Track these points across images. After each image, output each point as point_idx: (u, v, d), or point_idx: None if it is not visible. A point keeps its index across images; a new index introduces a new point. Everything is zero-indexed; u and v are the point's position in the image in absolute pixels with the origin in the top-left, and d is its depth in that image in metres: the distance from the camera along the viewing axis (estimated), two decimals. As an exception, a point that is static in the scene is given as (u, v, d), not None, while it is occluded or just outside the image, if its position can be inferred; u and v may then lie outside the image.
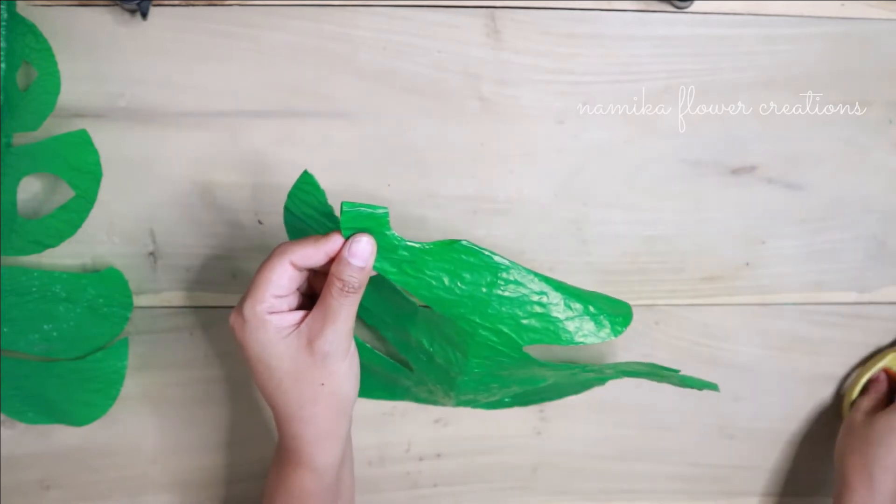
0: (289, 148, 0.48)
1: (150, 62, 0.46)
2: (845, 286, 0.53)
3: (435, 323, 0.44)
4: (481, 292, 0.41)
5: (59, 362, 0.49)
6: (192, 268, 0.50)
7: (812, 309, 0.53)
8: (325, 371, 0.39)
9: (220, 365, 0.51)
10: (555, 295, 0.41)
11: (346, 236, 0.38)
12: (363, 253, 0.38)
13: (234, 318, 0.39)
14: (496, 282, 0.40)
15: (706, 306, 0.53)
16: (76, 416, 0.50)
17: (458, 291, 0.41)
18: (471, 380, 0.46)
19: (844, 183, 0.52)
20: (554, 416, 0.54)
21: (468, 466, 0.55)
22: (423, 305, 0.44)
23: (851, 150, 0.51)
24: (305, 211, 0.41)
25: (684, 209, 0.51)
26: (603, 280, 0.52)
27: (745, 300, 0.53)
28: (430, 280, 0.40)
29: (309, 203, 0.41)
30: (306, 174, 0.40)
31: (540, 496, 0.56)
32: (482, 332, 0.42)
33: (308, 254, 0.38)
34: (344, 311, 0.38)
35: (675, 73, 0.49)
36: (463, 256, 0.40)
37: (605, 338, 0.42)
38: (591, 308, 0.42)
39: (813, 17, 0.49)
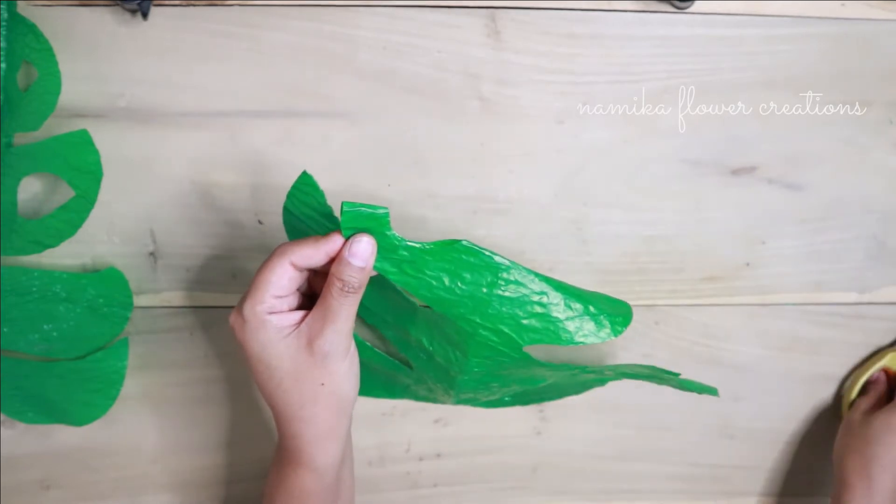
0: (289, 148, 0.48)
1: (150, 62, 0.46)
2: (845, 286, 0.53)
3: (435, 322, 0.44)
4: (482, 292, 0.41)
5: (59, 362, 0.49)
6: (192, 268, 0.50)
7: (812, 309, 0.53)
8: (325, 371, 0.39)
9: (220, 365, 0.51)
10: (555, 295, 0.41)
11: (347, 236, 0.38)
12: (363, 253, 0.38)
13: (234, 319, 0.39)
14: (496, 282, 0.40)
15: (706, 306, 0.53)
16: (76, 416, 0.50)
17: (459, 291, 0.41)
18: (471, 379, 0.46)
19: (844, 183, 0.52)
20: (554, 416, 0.54)
21: (468, 466, 0.55)
22: (424, 305, 0.44)
23: (851, 150, 0.51)
24: (304, 211, 0.41)
25: (684, 209, 0.51)
26: (603, 280, 0.52)
27: (745, 300, 0.53)
28: (430, 280, 0.40)
29: (308, 203, 0.41)
30: (305, 175, 0.40)
31: (540, 496, 0.56)
32: (482, 331, 0.42)
33: (308, 254, 0.38)
34: (344, 311, 0.38)
35: (675, 73, 0.49)
36: (463, 256, 0.40)
37: (606, 338, 0.42)
38: (591, 308, 0.42)
39: (813, 18, 0.49)
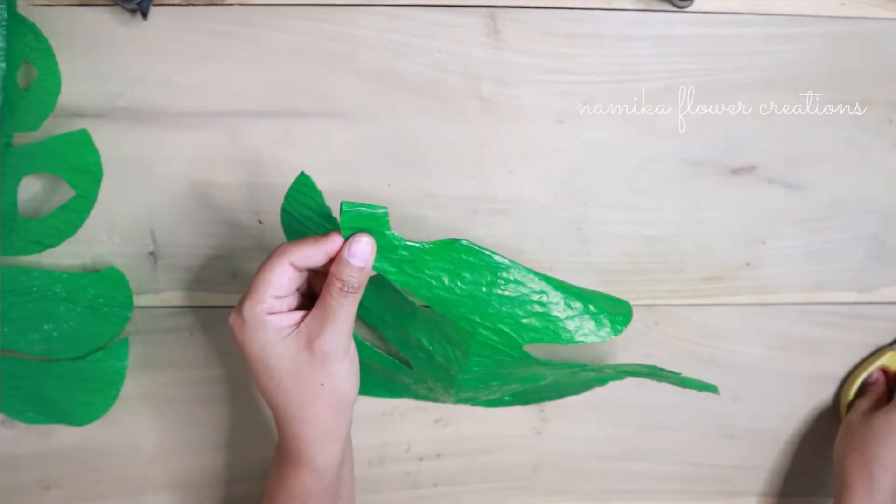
0: (289, 148, 0.48)
1: (150, 62, 0.46)
2: (845, 286, 0.53)
3: (435, 322, 0.44)
4: (481, 292, 0.41)
5: (59, 362, 0.49)
6: (192, 268, 0.50)
7: (812, 309, 0.53)
8: (324, 371, 0.39)
9: (220, 365, 0.51)
10: (555, 294, 0.41)
11: (346, 236, 0.38)
12: (363, 253, 0.38)
13: (234, 319, 0.39)
14: (496, 281, 0.40)
15: (706, 306, 0.53)
16: (76, 416, 0.50)
17: (459, 291, 0.40)
18: (471, 378, 0.46)
19: (844, 183, 0.51)
20: (554, 416, 0.54)
21: (468, 466, 0.55)
22: (423, 305, 0.44)
23: (851, 150, 0.51)
24: (303, 212, 0.41)
25: (684, 209, 0.51)
26: (603, 280, 0.52)
27: (745, 300, 0.53)
28: (429, 280, 0.40)
29: (306, 204, 0.41)
30: (303, 175, 0.40)
31: (540, 496, 0.56)
32: (482, 331, 0.42)
33: (307, 254, 0.38)
34: (344, 310, 0.38)
35: (675, 73, 0.49)
36: (463, 256, 0.40)
37: (606, 337, 0.42)
38: (591, 307, 0.42)
39: (813, 17, 0.49)
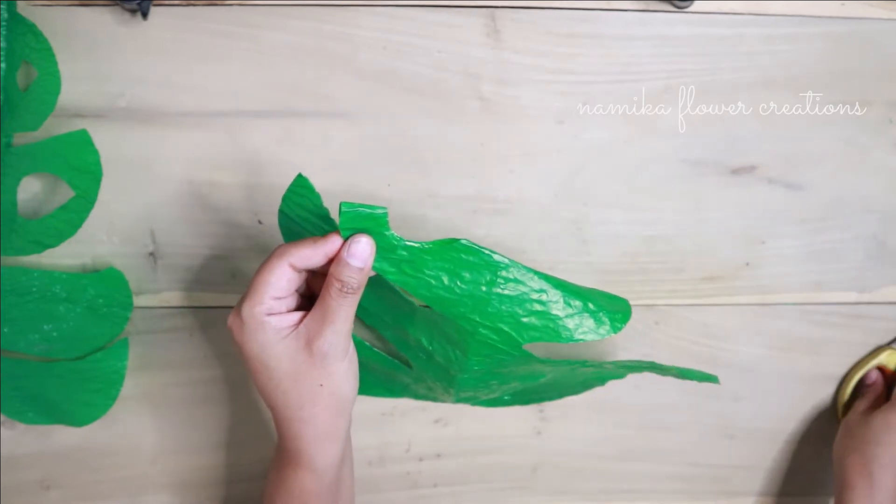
0: (288, 148, 0.48)
1: (150, 62, 0.46)
2: (845, 286, 0.53)
3: (434, 322, 0.44)
4: (481, 291, 0.41)
5: (59, 362, 0.49)
6: (191, 268, 0.50)
7: (812, 309, 0.53)
8: (323, 372, 0.39)
9: (219, 365, 0.51)
10: (554, 292, 0.41)
11: (345, 237, 0.38)
12: (362, 253, 0.38)
13: (233, 320, 0.39)
14: (496, 280, 0.40)
15: (706, 306, 0.53)
16: (76, 416, 0.50)
17: (458, 290, 0.40)
18: (471, 377, 0.46)
19: (844, 183, 0.51)
20: (554, 416, 0.54)
21: (468, 466, 0.55)
22: (423, 305, 0.44)
23: (851, 150, 0.51)
24: (300, 214, 0.41)
25: (684, 209, 0.51)
26: (603, 280, 0.51)
27: (745, 300, 0.53)
28: (429, 279, 0.40)
29: (304, 206, 0.41)
30: (301, 177, 0.40)
31: (540, 496, 0.56)
32: (482, 330, 0.42)
33: (307, 255, 0.38)
34: (343, 311, 0.38)
35: (675, 73, 0.49)
36: (462, 255, 0.40)
37: (605, 334, 0.42)
38: (590, 305, 0.42)
39: (813, 17, 0.49)
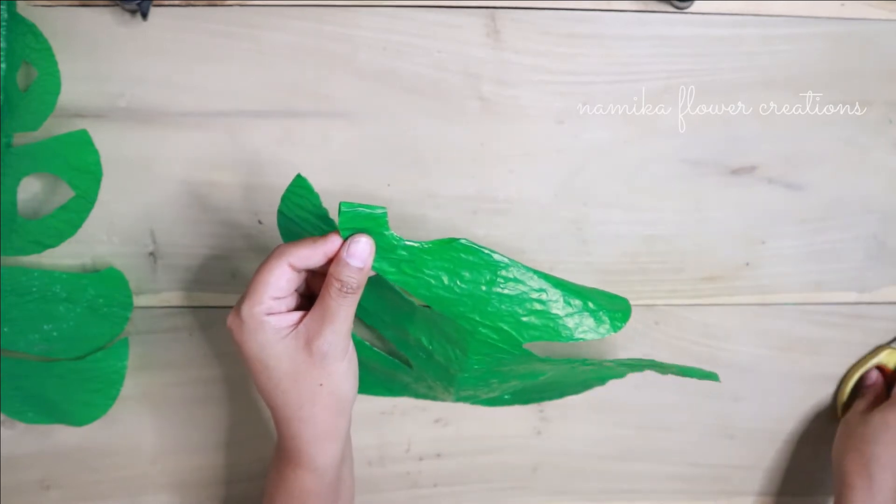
0: (289, 148, 0.48)
1: (150, 62, 0.46)
2: (845, 286, 0.53)
3: (434, 321, 0.44)
4: (481, 290, 0.41)
5: (59, 362, 0.49)
6: (191, 268, 0.50)
7: (812, 309, 0.53)
8: (323, 371, 0.39)
9: (219, 365, 0.51)
10: (554, 292, 0.41)
11: (345, 237, 0.38)
12: (361, 253, 0.38)
13: (232, 320, 0.39)
14: (495, 280, 0.40)
15: (706, 306, 0.53)
16: (76, 416, 0.50)
17: (458, 290, 0.40)
18: (471, 376, 0.46)
19: (844, 183, 0.51)
20: (554, 416, 0.54)
21: (468, 466, 0.55)
22: (423, 304, 0.44)
23: (851, 150, 0.51)
24: (299, 214, 0.41)
25: (684, 209, 0.51)
26: (603, 280, 0.51)
27: (745, 300, 0.53)
28: (429, 279, 0.40)
29: (302, 206, 0.41)
30: (299, 177, 0.40)
31: (540, 496, 0.56)
32: (482, 330, 0.42)
33: (306, 255, 0.38)
34: (342, 311, 0.38)
35: (675, 73, 0.49)
36: (462, 255, 0.40)
37: (605, 333, 0.42)
38: (590, 304, 0.42)
39: (813, 17, 0.49)
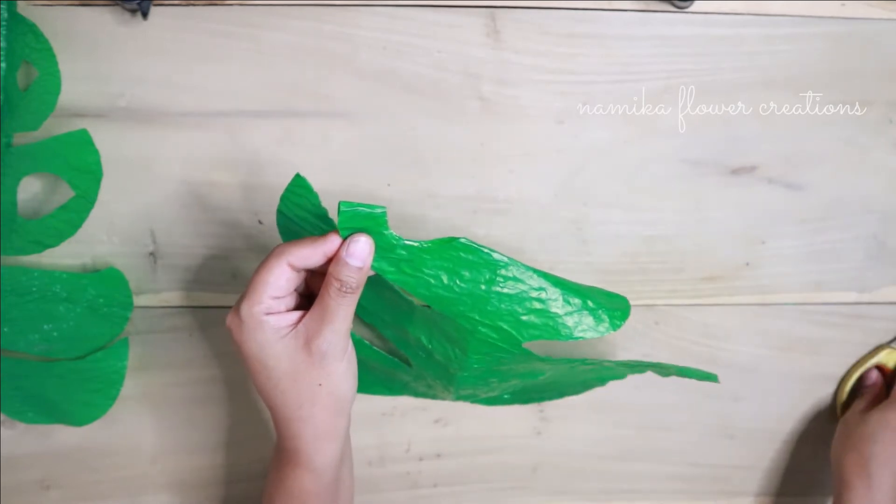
0: (289, 148, 0.48)
1: (150, 62, 0.46)
2: (845, 286, 0.53)
3: (434, 320, 0.44)
4: (480, 289, 0.41)
5: (59, 362, 0.49)
6: (191, 268, 0.50)
7: (812, 309, 0.53)
8: (322, 371, 0.39)
9: (219, 365, 0.51)
10: (553, 290, 0.41)
11: (344, 236, 0.38)
12: (361, 253, 0.38)
13: (231, 320, 0.39)
14: (495, 279, 0.40)
15: (706, 306, 0.53)
16: (76, 416, 0.50)
17: (457, 289, 0.40)
18: (470, 375, 0.46)
19: (844, 183, 0.51)
20: (554, 416, 0.54)
21: (468, 466, 0.55)
22: (422, 304, 0.44)
23: (851, 150, 0.51)
24: (298, 213, 0.41)
25: (684, 209, 0.51)
26: (603, 280, 0.51)
27: (745, 300, 0.53)
28: (428, 279, 0.40)
29: (302, 206, 0.41)
30: (298, 177, 0.40)
31: (540, 496, 0.56)
32: (482, 329, 0.42)
33: (306, 255, 0.38)
34: (342, 311, 0.38)
35: (675, 73, 0.49)
36: (461, 254, 0.40)
37: (604, 332, 0.42)
38: (589, 303, 0.42)
39: (813, 17, 0.49)
